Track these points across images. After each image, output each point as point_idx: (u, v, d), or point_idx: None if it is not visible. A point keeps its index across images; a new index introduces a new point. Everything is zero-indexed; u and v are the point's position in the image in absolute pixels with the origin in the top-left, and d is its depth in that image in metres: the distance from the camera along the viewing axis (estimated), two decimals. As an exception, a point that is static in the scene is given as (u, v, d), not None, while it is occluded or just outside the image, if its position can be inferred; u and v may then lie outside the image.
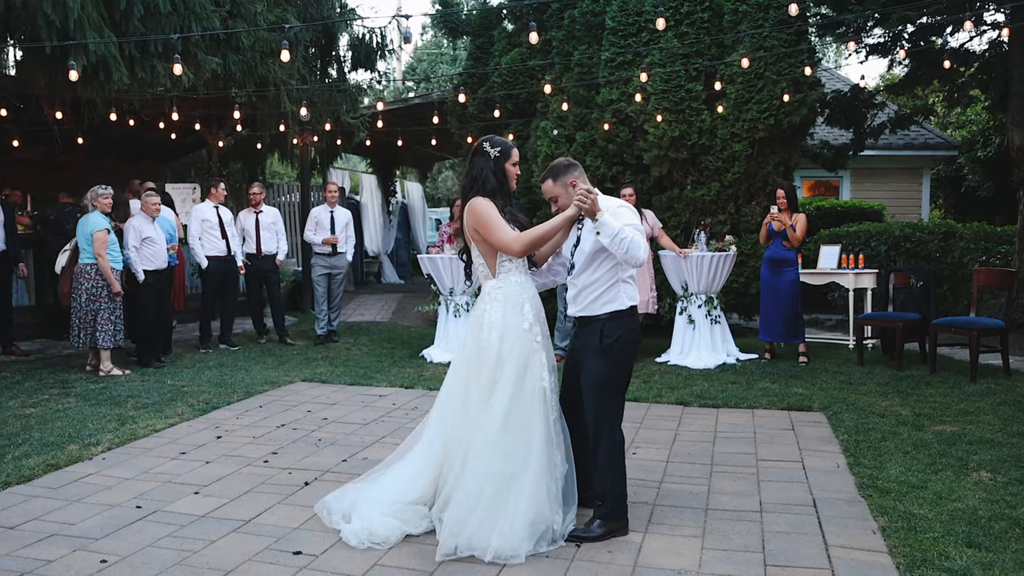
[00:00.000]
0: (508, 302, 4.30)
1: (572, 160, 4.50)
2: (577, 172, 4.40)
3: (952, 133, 20.45)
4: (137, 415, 6.99)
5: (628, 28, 10.90)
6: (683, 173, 10.86)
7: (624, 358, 4.35)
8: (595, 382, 4.31)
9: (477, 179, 4.35)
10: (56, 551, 4.14)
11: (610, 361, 4.29)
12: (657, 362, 9.43)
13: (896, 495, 4.78)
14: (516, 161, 4.45)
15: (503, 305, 4.29)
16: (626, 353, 4.35)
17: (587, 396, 4.35)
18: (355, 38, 14.55)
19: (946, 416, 6.67)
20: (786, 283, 9.18)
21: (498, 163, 4.37)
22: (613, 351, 4.28)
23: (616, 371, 4.33)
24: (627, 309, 4.33)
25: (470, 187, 4.37)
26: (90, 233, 8.66)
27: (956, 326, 8.46)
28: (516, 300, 4.32)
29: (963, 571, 3.75)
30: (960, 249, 11.43)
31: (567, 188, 4.36)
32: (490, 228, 4.26)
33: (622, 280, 4.33)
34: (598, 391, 4.31)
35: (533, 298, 4.39)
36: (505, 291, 4.33)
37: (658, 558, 4.01)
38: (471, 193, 4.35)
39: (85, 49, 8.33)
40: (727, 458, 5.69)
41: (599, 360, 4.30)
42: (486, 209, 4.27)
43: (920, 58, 12.35)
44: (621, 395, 4.40)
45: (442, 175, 34.54)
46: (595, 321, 4.33)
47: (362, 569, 3.90)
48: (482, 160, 4.37)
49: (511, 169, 4.41)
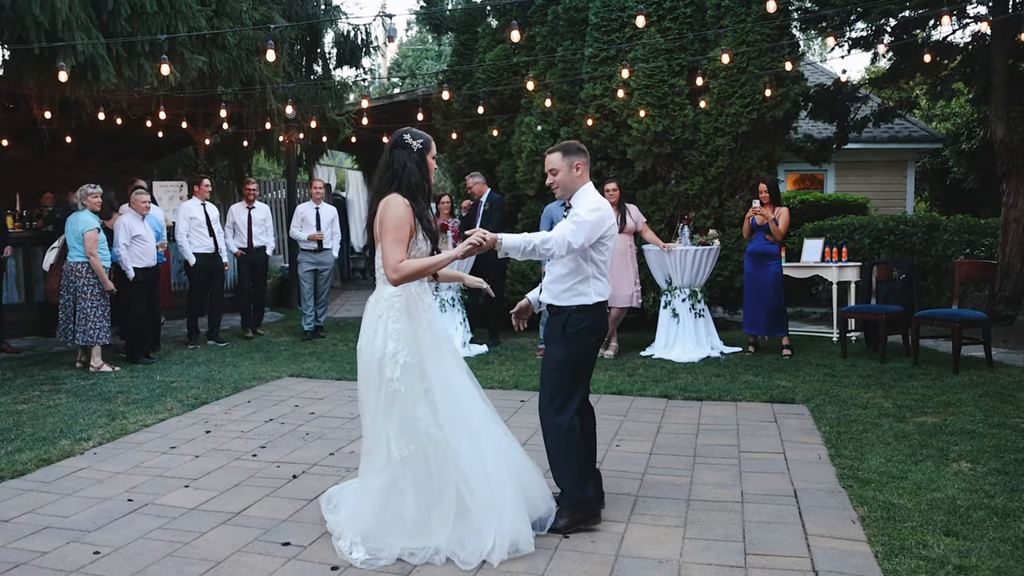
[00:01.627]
0: (405, 311, 4.10)
1: (584, 148, 4.52)
2: (584, 159, 4.44)
3: (937, 126, 20.51)
4: (127, 410, 7.04)
5: (611, 24, 10.97)
6: (667, 168, 10.94)
7: (585, 347, 4.38)
8: (551, 366, 4.40)
9: (399, 173, 4.10)
10: (50, 543, 4.21)
11: (570, 348, 4.35)
12: (641, 356, 9.50)
13: (876, 485, 4.86)
14: (435, 153, 4.28)
15: (404, 315, 4.09)
16: (588, 343, 4.39)
17: (543, 381, 4.45)
18: (340, 35, 14.55)
19: (928, 408, 6.76)
20: (769, 276, 9.24)
21: (421, 155, 4.17)
22: (575, 339, 4.34)
23: (575, 358, 4.37)
24: (594, 304, 4.37)
25: (391, 181, 4.11)
26: (81, 232, 8.69)
27: (938, 318, 8.54)
28: (413, 310, 4.14)
29: (940, 559, 3.82)
30: (944, 242, 11.51)
31: (571, 168, 4.40)
32: (386, 238, 4.01)
33: (593, 276, 4.36)
34: (552, 376, 4.39)
35: (431, 307, 4.29)
36: (405, 299, 4.12)
37: (640, 547, 4.09)
38: (391, 188, 4.09)
39: (73, 50, 8.35)
40: (710, 450, 5.77)
41: (560, 347, 4.38)
42: (397, 216, 4.00)
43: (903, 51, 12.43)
44: (578, 383, 4.43)
45: (428, 171, 34.47)
46: (563, 311, 4.39)
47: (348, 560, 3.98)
48: (404, 153, 4.14)
49: (431, 162, 4.24)
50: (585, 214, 4.27)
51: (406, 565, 3.91)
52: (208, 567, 3.91)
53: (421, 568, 3.89)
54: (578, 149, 4.46)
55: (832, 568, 3.80)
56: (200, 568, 3.90)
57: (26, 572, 3.87)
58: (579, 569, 3.85)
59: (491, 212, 10.23)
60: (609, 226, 4.36)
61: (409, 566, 3.90)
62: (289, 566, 3.93)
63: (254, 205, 11.34)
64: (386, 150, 4.23)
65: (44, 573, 3.86)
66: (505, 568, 3.87)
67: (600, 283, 4.40)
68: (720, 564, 3.88)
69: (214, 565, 3.93)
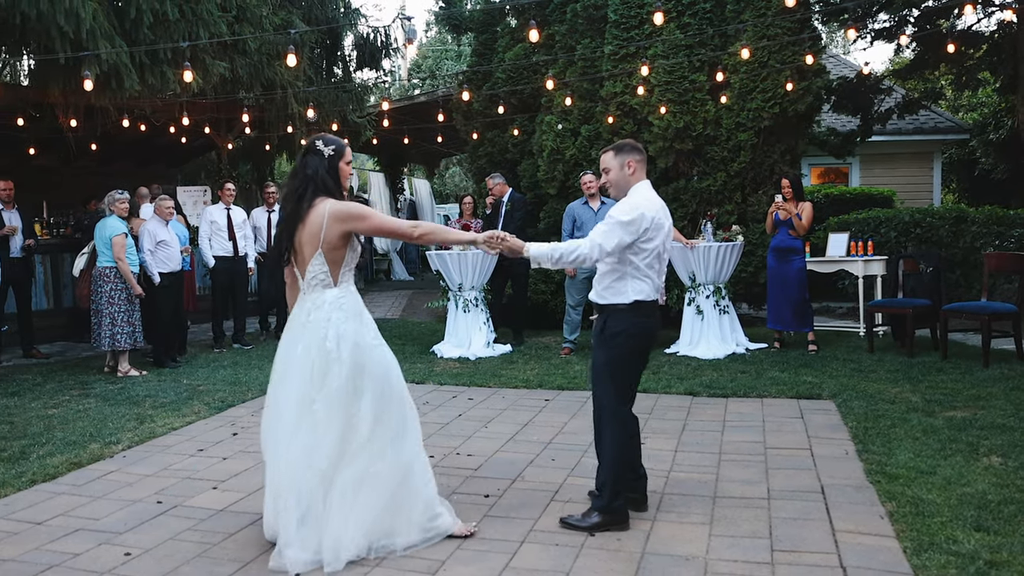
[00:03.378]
0: (354, 312, 4.13)
1: (639, 146, 4.46)
2: (638, 157, 4.38)
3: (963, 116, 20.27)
4: (155, 414, 7.10)
5: (630, 21, 10.93)
6: (689, 164, 10.90)
7: (624, 351, 4.31)
8: (596, 369, 4.38)
9: (312, 179, 4.08)
10: (82, 545, 4.25)
11: (609, 352, 4.31)
12: (666, 353, 9.45)
13: (905, 480, 4.80)
14: (350, 160, 4.26)
15: (350, 316, 4.11)
16: (627, 347, 4.31)
17: (592, 384, 4.43)
18: (360, 38, 14.61)
19: (957, 402, 6.67)
20: (793, 271, 9.18)
21: (332, 161, 4.13)
22: (613, 342, 4.30)
23: (618, 362, 4.31)
24: (631, 304, 4.28)
25: (304, 187, 4.09)
26: (109, 237, 8.80)
27: (967, 311, 8.42)
28: (359, 310, 4.18)
29: (971, 554, 3.77)
30: (972, 234, 11.35)
31: (623, 167, 4.36)
32: (369, 217, 4.15)
33: (631, 275, 4.28)
34: (598, 378, 4.36)
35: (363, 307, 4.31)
36: (349, 300, 4.15)
37: (666, 545, 4.07)
38: (309, 194, 4.07)
39: (97, 58, 8.45)
40: (735, 447, 5.73)
41: (600, 349, 4.36)
42: (349, 204, 4.09)
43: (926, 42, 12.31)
44: (624, 389, 4.36)
45: (449, 171, 34.59)
46: (604, 310, 4.36)
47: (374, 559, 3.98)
48: (315, 159, 4.12)
49: (345, 168, 4.20)
50: (620, 215, 4.21)
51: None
52: (237, 567, 3.94)
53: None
54: (632, 147, 4.40)
55: (860, 564, 3.76)
56: (230, 569, 3.93)
57: (59, 573, 3.92)
58: (605, 567, 3.85)
59: (513, 211, 10.22)
60: (649, 227, 4.24)
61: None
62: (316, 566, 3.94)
63: (274, 208, 11.41)
64: (299, 156, 4.27)
65: (77, 574, 3.90)
66: (532, 565, 3.87)
67: (640, 282, 4.29)
68: (747, 561, 3.86)
69: (243, 566, 3.95)
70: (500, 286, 10.39)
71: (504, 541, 4.15)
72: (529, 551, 4.04)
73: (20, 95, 11.08)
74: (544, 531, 4.29)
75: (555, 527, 4.33)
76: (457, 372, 8.78)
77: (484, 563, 3.92)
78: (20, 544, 4.29)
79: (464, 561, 3.94)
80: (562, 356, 9.45)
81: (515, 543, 4.14)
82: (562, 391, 7.70)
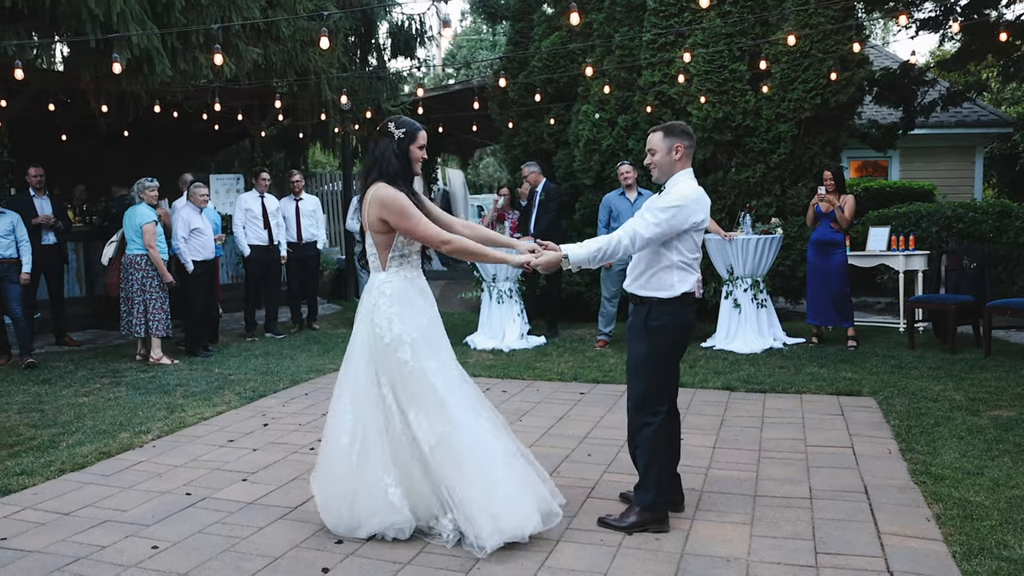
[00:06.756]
0: (399, 298, 4.10)
1: (690, 131, 4.30)
2: (687, 142, 4.21)
3: (1006, 109, 19.89)
4: (186, 403, 7.08)
5: (670, 8, 10.74)
6: (728, 155, 10.71)
7: (666, 344, 4.18)
8: (635, 363, 4.23)
9: (379, 161, 4.10)
10: (109, 537, 4.21)
11: (651, 345, 4.16)
12: (703, 347, 9.32)
13: (951, 481, 4.67)
14: (422, 144, 4.18)
15: (394, 301, 4.09)
16: (669, 340, 4.18)
17: (630, 379, 4.29)
18: (394, 25, 14.55)
19: (1002, 401, 6.51)
20: (835, 265, 9.00)
21: (402, 145, 4.10)
22: (656, 335, 4.16)
23: (658, 356, 4.17)
24: (677, 297, 4.16)
25: (371, 169, 4.14)
26: (139, 225, 8.79)
27: (1012, 308, 8.24)
28: (406, 297, 4.13)
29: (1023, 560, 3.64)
30: (1016, 229, 11.10)
31: (670, 150, 4.18)
32: (408, 223, 4.04)
33: (677, 266, 4.15)
34: (637, 372, 4.22)
35: (424, 291, 4.27)
36: (395, 286, 4.12)
37: (706, 545, 3.96)
38: (372, 177, 4.11)
39: (128, 42, 8.41)
40: (775, 444, 5.61)
41: (643, 342, 4.20)
42: (395, 196, 4.02)
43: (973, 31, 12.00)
44: (666, 383, 4.23)
45: (483, 161, 34.53)
46: (645, 303, 4.22)
47: (408, 556, 3.91)
48: (385, 141, 4.11)
49: (416, 152, 4.14)
50: (663, 205, 4.08)
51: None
52: (266, 563, 3.87)
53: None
54: (683, 131, 4.23)
55: (908, 569, 3.63)
56: (258, 564, 3.86)
57: (86, 566, 3.87)
58: (644, 567, 3.74)
59: (547, 202, 10.10)
60: (695, 220, 4.11)
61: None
62: (347, 563, 3.86)
63: (301, 196, 11.36)
64: (373, 139, 4.27)
65: (103, 567, 3.85)
66: (568, 565, 3.77)
67: (685, 272, 4.18)
68: (790, 563, 3.73)
69: (272, 561, 3.88)
70: (534, 277, 10.29)
71: (540, 539, 4.04)
72: (565, 550, 3.95)
73: (52, 80, 11.10)
74: (580, 529, 4.20)
75: (592, 525, 4.23)
76: (491, 364, 8.69)
77: (518, 562, 3.82)
78: (47, 535, 4.25)
79: (499, 559, 3.84)
80: (597, 349, 9.36)
81: (551, 541, 4.04)
82: (597, 384, 7.60)
